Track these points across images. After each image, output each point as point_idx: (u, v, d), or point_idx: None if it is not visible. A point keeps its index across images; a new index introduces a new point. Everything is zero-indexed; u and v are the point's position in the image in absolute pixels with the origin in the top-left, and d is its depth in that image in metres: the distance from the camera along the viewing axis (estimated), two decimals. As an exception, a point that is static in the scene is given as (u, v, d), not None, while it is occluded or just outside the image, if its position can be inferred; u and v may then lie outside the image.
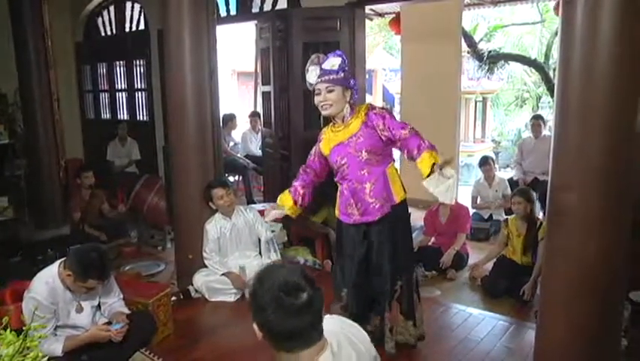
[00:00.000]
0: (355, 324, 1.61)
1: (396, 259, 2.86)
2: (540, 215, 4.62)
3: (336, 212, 2.96)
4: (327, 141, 2.87)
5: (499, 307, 3.90)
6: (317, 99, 2.76)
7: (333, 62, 2.72)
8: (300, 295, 1.31)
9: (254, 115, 7.52)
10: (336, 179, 2.89)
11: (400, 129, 2.67)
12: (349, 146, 2.75)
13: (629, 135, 2.38)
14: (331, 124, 2.86)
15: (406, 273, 2.92)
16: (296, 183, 3.02)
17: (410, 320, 2.97)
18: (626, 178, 2.42)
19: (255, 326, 1.39)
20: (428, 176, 2.54)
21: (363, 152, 2.72)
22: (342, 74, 2.71)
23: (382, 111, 2.77)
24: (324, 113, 2.77)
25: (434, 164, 2.53)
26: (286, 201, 3.02)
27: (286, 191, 3.06)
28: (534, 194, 4.31)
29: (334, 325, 1.50)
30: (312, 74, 2.76)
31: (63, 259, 2.78)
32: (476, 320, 3.66)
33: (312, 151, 3.00)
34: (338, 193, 2.92)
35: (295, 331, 1.32)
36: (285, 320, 1.31)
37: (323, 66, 2.72)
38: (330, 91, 2.71)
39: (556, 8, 5.69)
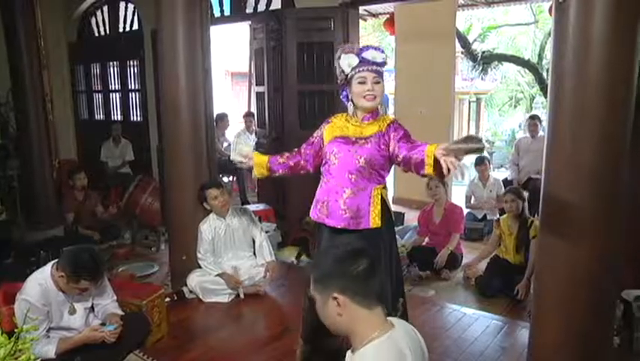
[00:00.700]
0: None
1: (395, 278, 2.67)
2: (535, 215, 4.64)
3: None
4: (336, 127, 2.70)
5: (493, 307, 3.91)
6: (360, 88, 2.57)
7: (375, 54, 2.57)
8: (360, 261, 1.53)
9: (248, 115, 7.51)
10: (322, 168, 2.72)
11: (415, 141, 2.50)
12: (352, 145, 2.60)
13: (622, 136, 2.40)
14: (347, 114, 2.71)
15: (390, 296, 2.65)
16: (284, 154, 2.86)
17: None
18: (619, 178, 2.43)
19: (331, 302, 1.52)
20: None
21: (362, 159, 2.56)
22: (384, 69, 2.63)
23: (405, 128, 2.62)
24: (367, 104, 2.59)
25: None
26: (261, 158, 2.83)
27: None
28: (525, 193, 4.35)
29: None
30: (345, 62, 2.59)
31: (56, 260, 2.77)
32: (470, 319, 3.67)
33: (315, 134, 2.80)
34: (318, 187, 2.75)
35: (370, 288, 1.52)
36: (361, 280, 1.51)
37: (364, 55, 2.57)
38: (377, 82, 2.57)
39: (550, 9, 5.71)
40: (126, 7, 7.36)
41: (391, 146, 2.54)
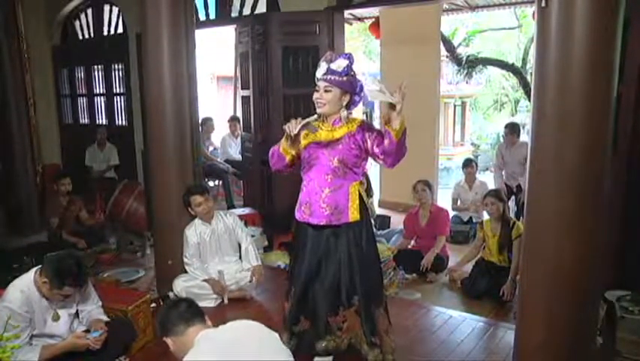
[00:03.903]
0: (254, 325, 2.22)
1: (351, 274, 2.80)
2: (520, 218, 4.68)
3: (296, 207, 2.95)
4: (310, 134, 2.85)
5: (478, 309, 3.94)
6: (314, 95, 2.78)
7: (340, 63, 2.72)
8: (180, 306, 2.17)
9: (233, 119, 7.50)
10: (302, 172, 2.90)
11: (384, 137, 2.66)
12: (326, 148, 2.77)
13: (604, 137, 2.43)
14: (321, 120, 2.85)
15: (363, 293, 2.82)
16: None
17: (368, 338, 2.84)
18: (601, 180, 2.46)
19: (168, 341, 2.15)
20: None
21: (335, 159, 2.75)
22: (345, 78, 2.72)
23: (376, 127, 2.80)
24: (317, 110, 2.78)
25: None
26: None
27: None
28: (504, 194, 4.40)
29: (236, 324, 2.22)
30: (319, 70, 2.77)
31: (39, 266, 2.74)
32: (456, 321, 3.68)
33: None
34: (300, 190, 2.91)
35: (180, 318, 2.12)
36: (174, 318, 2.13)
37: (331, 65, 2.73)
38: (328, 91, 2.72)
39: (533, 14, 5.77)
40: (110, 11, 7.31)
41: (369, 145, 2.73)
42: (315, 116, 2.79)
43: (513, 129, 5.99)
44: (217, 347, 1.99)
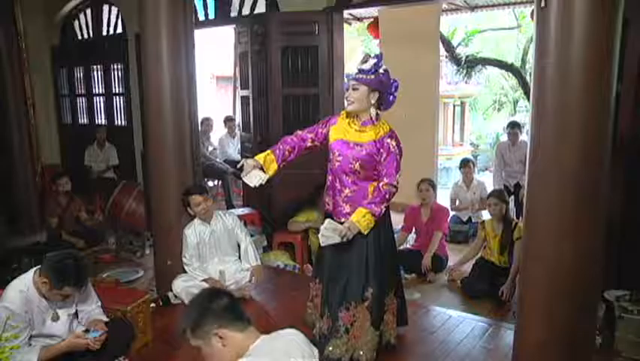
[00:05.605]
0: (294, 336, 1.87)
1: (366, 267, 2.91)
2: (519, 218, 4.68)
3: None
4: (340, 129, 2.97)
5: (478, 309, 3.94)
6: (345, 94, 2.92)
7: (369, 62, 2.85)
8: (222, 298, 1.81)
9: (231, 120, 7.51)
10: (328, 161, 3.03)
11: (386, 176, 2.81)
12: (350, 150, 2.88)
13: (603, 137, 2.43)
14: (350, 117, 2.96)
15: (377, 285, 2.93)
16: (287, 149, 3.10)
17: (377, 331, 2.97)
18: (600, 180, 2.46)
19: (214, 339, 1.73)
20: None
21: (357, 164, 2.85)
22: (373, 76, 2.83)
23: (397, 148, 2.85)
24: (347, 108, 2.90)
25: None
26: (271, 165, 3.09)
27: (269, 153, 3.10)
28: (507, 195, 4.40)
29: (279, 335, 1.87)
30: (351, 72, 2.91)
31: (38, 266, 2.73)
32: (456, 321, 3.69)
33: (320, 127, 3.06)
34: (327, 177, 3.08)
35: (238, 314, 1.78)
36: (229, 311, 1.77)
37: (362, 66, 2.86)
38: (355, 89, 2.84)
39: (532, 14, 5.77)
40: (110, 11, 7.31)
41: (377, 159, 2.85)
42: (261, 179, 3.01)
43: (517, 126, 6.14)
44: (280, 351, 1.77)
